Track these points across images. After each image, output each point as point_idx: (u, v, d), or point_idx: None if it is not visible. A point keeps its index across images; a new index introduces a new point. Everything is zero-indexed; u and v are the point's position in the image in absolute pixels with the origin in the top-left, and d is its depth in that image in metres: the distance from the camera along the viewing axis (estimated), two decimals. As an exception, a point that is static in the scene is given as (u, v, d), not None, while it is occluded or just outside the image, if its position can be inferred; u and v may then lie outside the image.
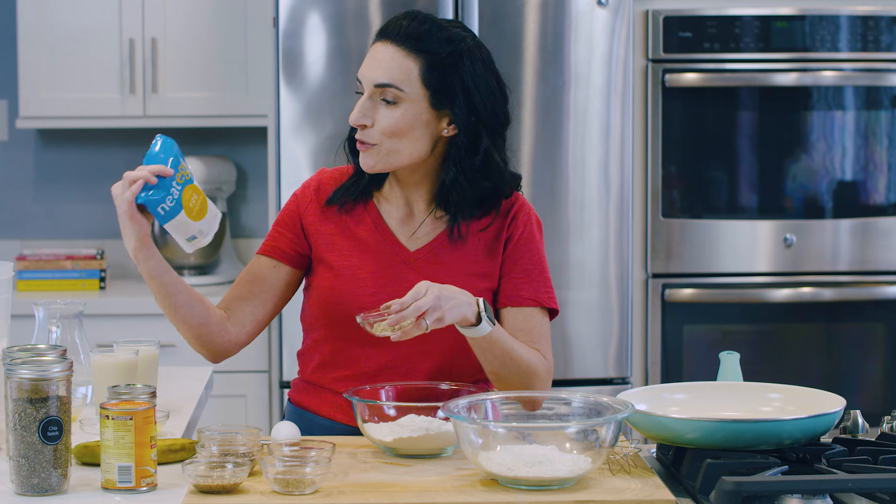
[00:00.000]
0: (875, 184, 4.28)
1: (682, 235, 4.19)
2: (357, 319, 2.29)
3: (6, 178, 4.74)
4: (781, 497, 1.92)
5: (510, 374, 2.42)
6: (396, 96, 2.41)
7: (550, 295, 2.54)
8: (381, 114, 2.42)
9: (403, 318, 2.23)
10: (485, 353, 2.39)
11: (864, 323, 4.30)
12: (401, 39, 2.42)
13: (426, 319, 2.24)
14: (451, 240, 2.51)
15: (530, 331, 2.50)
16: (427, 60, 2.41)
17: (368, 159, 2.45)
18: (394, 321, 2.24)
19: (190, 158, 4.51)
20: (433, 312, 2.25)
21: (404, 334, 2.25)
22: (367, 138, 2.44)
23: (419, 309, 2.23)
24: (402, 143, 2.43)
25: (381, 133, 2.42)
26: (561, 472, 2.03)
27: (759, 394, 2.33)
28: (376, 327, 2.27)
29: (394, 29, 2.43)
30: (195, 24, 4.42)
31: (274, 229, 2.57)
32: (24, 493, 2.04)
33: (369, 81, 2.42)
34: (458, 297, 2.29)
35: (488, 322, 2.33)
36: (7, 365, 2.07)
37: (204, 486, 2.03)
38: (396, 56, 2.41)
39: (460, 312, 2.29)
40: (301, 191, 2.58)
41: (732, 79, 4.18)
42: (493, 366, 2.41)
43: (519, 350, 2.42)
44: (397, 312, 2.23)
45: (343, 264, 2.51)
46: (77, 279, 4.45)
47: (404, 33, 2.42)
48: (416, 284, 2.28)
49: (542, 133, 4.00)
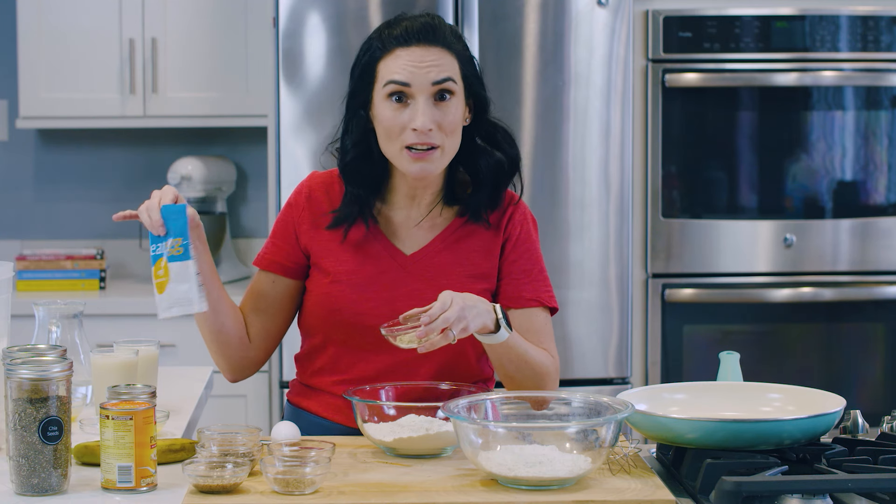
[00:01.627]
0: (875, 184, 4.27)
1: (682, 235, 4.19)
2: (382, 331, 2.30)
3: (6, 178, 4.74)
4: (781, 497, 1.92)
5: (524, 377, 2.44)
6: (452, 91, 2.43)
7: (550, 294, 2.55)
8: (439, 113, 2.43)
9: (432, 330, 2.24)
10: (501, 358, 2.41)
11: (864, 323, 4.30)
12: (437, 39, 2.44)
13: (452, 330, 2.25)
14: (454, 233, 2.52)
15: (536, 331, 2.51)
16: (458, 55, 2.46)
17: (430, 165, 2.44)
18: (422, 333, 2.24)
19: (190, 158, 4.52)
20: (459, 323, 2.26)
21: (431, 346, 2.26)
22: (436, 140, 2.42)
23: (447, 321, 2.24)
24: (455, 139, 2.46)
25: (444, 132, 2.43)
26: (561, 472, 2.03)
27: (759, 394, 2.34)
28: (401, 339, 2.27)
29: (423, 29, 2.44)
30: (195, 24, 4.42)
31: (270, 241, 2.57)
32: (24, 493, 2.04)
33: (425, 82, 2.41)
34: (479, 305, 2.31)
35: (506, 328, 2.35)
36: (7, 365, 2.07)
37: (204, 486, 2.03)
38: (442, 54, 2.43)
39: (482, 321, 2.31)
40: (294, 198, 2.57)
41: (732, 79, 4.18)
42: (508, 370, 2.43)
43: (532, 352, 2.44)
44: (426, 325, 2.24)
45: (339, 269, 2.51)
46: (77, 279, 4.45)
47: (437, 32, 2.44)
48: (440, 295, 2.28)
49: (542, 133, 4.00)
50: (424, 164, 2.43)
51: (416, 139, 2.41)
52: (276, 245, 2.56)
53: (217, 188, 4.58)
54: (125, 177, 4.75)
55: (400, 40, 2.43)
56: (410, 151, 2.42)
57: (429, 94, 2.42)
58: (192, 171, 4.48)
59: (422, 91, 2.41)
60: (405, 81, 2.42)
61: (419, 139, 2.41)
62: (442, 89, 2.42)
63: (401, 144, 2.43)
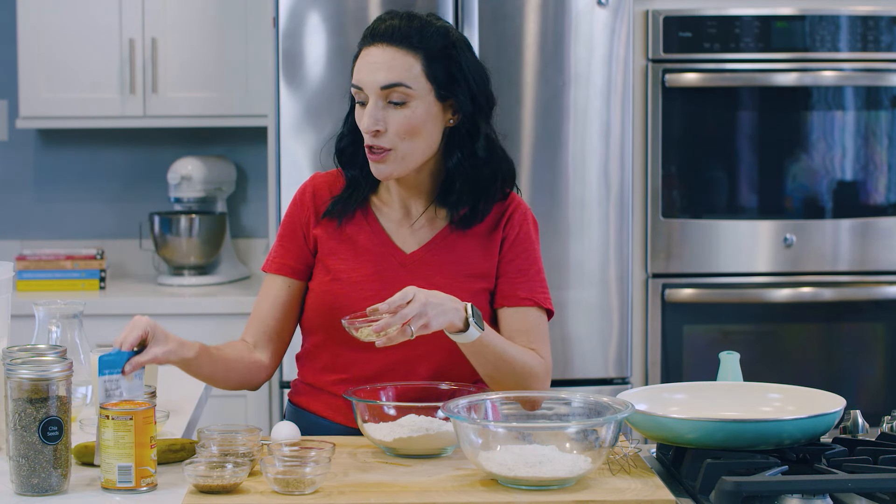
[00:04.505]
0: (875, 184, 4.27)
1: (682, 235, 4.19)
2: (343, 323, 2.29)
3: (6, 178, 4.74)
4: (781, 497, 1.92)
5: (504, 376, 2.42)
6: (405, 95, 2.40)
7: (546, 295, 2.54)
8: (392, 116, 2.41)
9: (389, 324, 2.22)
10: (476, 357, 2.39)
11: (864, 323, 4.30)
12: (396, 39, 2.41)
13: (411, 326, 2.23)
14: (452, 232, 2.51)
15: (528, 330, 2.50)
16: (426, 55, 2.41)
17: (384, 167, 2.44)
18: (379, 327, 2.23)
19: (190, 158, 4.52)
20: (419, 319, 2.23)
21: (389, 340, 2.23)
22: (384, 143, 2.41)
23: (405, 316, 2.22)
24: (416, 142, 2.42)
25: (396, 136, 2.41)
26: (561, 472, 2.03)
27: (759, 394, 2.33)
28: (361, 332, 2.25)
29: (386, 30, 2.42)
30: (195, 24, 4.42)
31: (278, 244, 2.57)
32: (24, 493, 2.04)
33: (373, 86, 2.40)
34: (445, 303, 2.28)
35: (476, 328, 2.32)
36: (7, 365, 2.07)
37: (204, 486, 2.03)
38: (397, 55, 2.40)
39: (447, 319, 2.28)
40: (298, 197, 2.58)
41: (732, 79, 4.18)
42: (485, 369, 2.41)
43: (511, 352, 2.42)
44: (379, 319, 2.23)
45: (340, 268, 2.51)
46: (77, 279, 4.45)
47: (399, 33, 2.41)
48: (404, 289, 2.26)
49: (542, 133, 4.00)
50: (379, 165, 2.44)
51: (369, 141, 2.42)
52: (285, 247, 2.56)
53: (217, 188, 4.59)
54: (125, 177, 4.75)
55: (367, 39, 2.44)
56: (369, 152, 2.43)
57: (378, 97, 2.41)
58: (192, 171, 4.48)
59: (371, 93, 2.41)
60: (357, 84, 2.43)
61: (370, 141, 2.42)
62: (390, 94, 2.40)
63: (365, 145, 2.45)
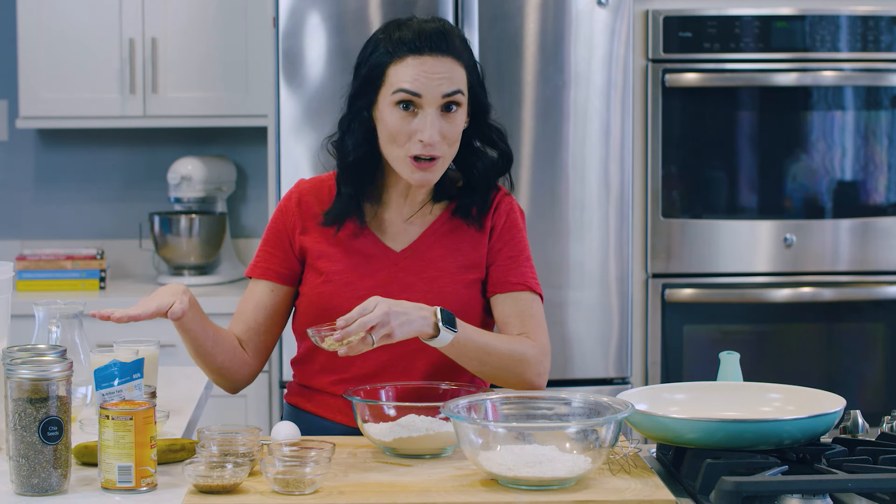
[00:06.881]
0: (875, 184, 4.27)
1: (682, 235, 4.19)
2: (308, 332, 2.30)
3: (6, 178, 4.74)
4: (781, 497, 1.92)
5: (493, 369, 2.43)
6: (459, 103, 2.44)
7: (536, 281, 2.56)
8: (445, 125, 2.43)
9: (349, 333, 2.23)
10: (460, 358, 2.40)
11: (864, 323, 4.30)
12: (445, 48, 2.43)
13: (373, 335, 2.24)
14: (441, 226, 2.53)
15: (521, 314, 2.51)
16: (466, 66, 2.46)
17: (430, 175, 2.46)
18: (340, 336, 2.23)
19: (190, 158, 4.52)
20: (381, 328, 2.24)
21: (351, 349, 2.24)
22: (436, 152, 2.43)
23: (365, 325, 2.23)
24: (454, 148, 2.47)
25: (445, 143, 2.44)
26: (561, 472, 2.03)
27: (759, 394, 2.33)
28: (326, 341, 2.26)
29: (440, 40, 2.43)
30: (195, 24, 4.42)
31: (263, 250, 2.57)
32: (24, 493, 2.04)
33: (436, 94, 2.41)
34: (410, 312, 2.28)
35: (447, 330, 2.32)
36: (7, 365, 2.07)
37: (204, 486, 2.03)
38: (453, 65, 2.44)
39: (413, 328, 2.28)
40: (284, 204, 2.58)
41: (732, 79, 4.18)
42: (472, 366, 2.42)
43: (495, 343, 2.42)
44: (343, 328, 2.23)
45: (331, 269, 2.51)
46: (77, 279, 4.45)
47: (446, 41, 2.43)
48: (367, 299, 2.27)
49: (542, 133, 4.00)
50: (426, 174, 2.45)
51: (421, 150, 2.42)
52: (270, 253, 2.56)
53: (217, 188, 4.59)
54: (125, 177, 4.75)
55: (412, 48, 2.43)
56: (415, 161, 2.43)
57: (437, 106, 2.42)
58: (192, 171, 4.48)
59: (431, 103, 2.42)
60: (416, 92, 2.41)
61: (424, 151, 2.42)
62: (450, 101, 2.43)
63: (406, 153, 2.43)
